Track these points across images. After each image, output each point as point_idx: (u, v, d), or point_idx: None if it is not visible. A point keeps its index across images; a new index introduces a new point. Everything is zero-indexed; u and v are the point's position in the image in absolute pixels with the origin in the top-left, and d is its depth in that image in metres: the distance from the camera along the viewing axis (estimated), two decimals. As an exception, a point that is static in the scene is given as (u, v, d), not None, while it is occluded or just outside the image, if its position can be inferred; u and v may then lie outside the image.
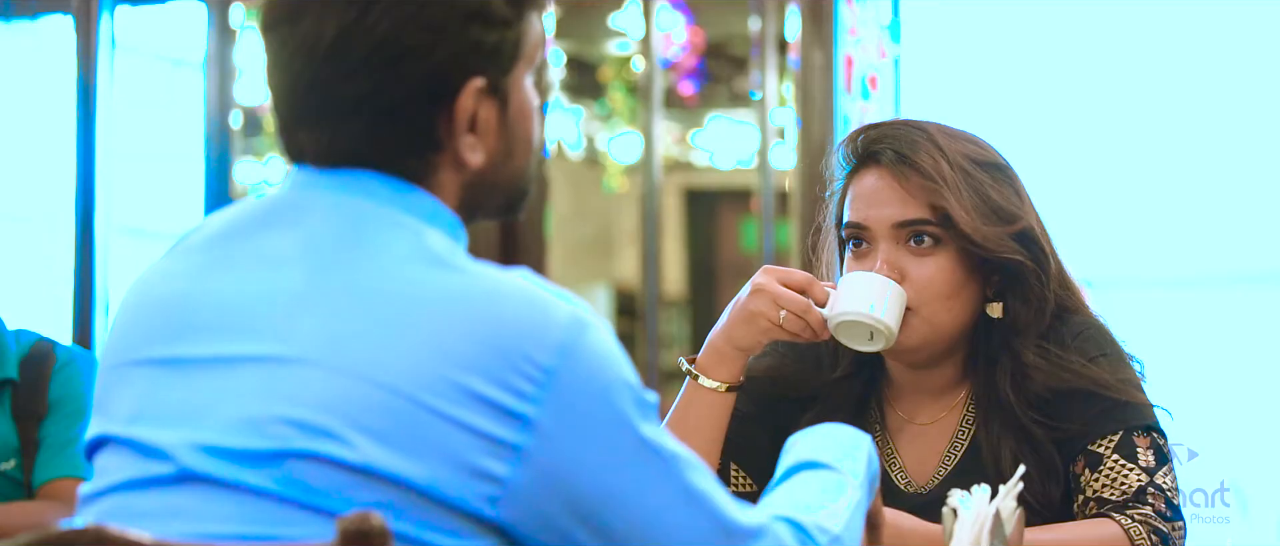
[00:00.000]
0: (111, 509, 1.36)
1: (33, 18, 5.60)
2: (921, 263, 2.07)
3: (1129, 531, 1.98)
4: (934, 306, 2.07)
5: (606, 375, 1.34)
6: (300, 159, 1.43)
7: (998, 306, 2.09)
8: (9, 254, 5.73)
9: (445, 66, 1.39)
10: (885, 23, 4.96)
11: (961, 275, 2.07)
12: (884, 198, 2.09)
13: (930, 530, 1.91)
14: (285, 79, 1.40)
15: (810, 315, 2.03)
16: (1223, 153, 4.61)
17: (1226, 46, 4.61)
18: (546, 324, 1.32)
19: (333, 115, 1.39)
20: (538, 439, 1.31)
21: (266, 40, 1.42)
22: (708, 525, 1.38)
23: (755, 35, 6.37)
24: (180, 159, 5.66)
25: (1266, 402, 4.42)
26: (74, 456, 2.77)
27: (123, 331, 1.44)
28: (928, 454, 2.15)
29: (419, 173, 1.41)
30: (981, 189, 2.07)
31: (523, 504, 1.31)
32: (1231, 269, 4.58)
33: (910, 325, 2.06)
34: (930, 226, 2.07)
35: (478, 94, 1.40)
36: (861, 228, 2.10)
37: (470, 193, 1.44)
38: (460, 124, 1.40)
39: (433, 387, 1.30)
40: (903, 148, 2.09)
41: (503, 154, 1.45)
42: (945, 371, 2.15)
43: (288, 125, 1.43)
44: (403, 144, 1.40)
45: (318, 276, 1.36)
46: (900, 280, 2.06)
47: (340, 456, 1.29)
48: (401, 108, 1.39)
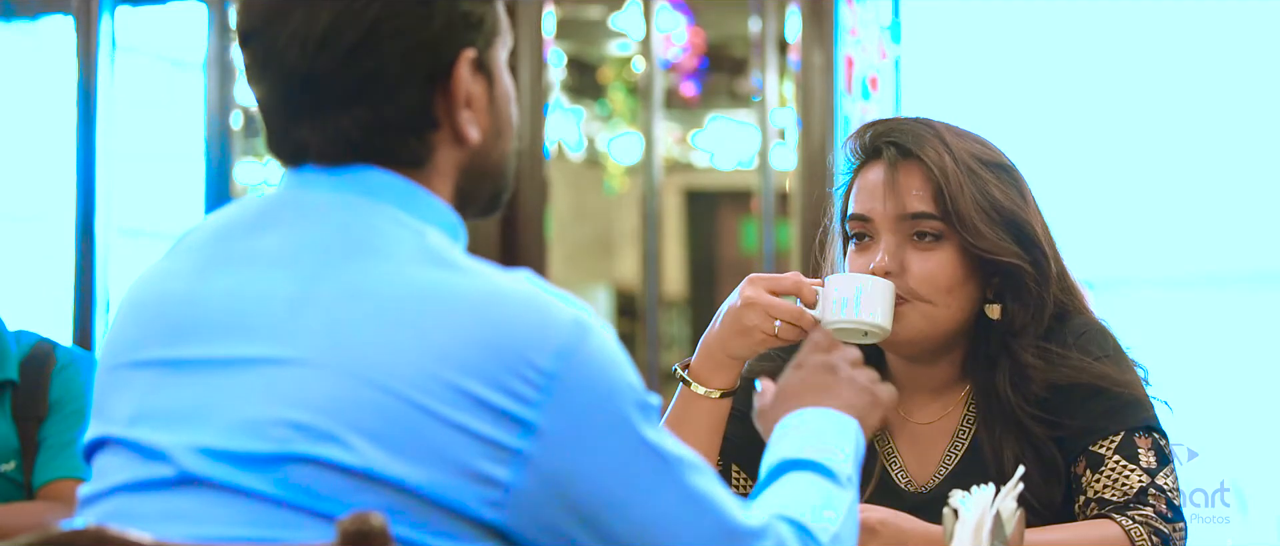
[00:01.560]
0: (111, 510, 1.36)
1: (33, 18, 5.60)
2: (923, 257, 2.07)
3: (1129, 532, 1.98)
4: (933, 300, 2.07)
5: (608, 379, 1.34)
6: (299, 159, 1.42)
7: (996, 308, 2.09)
8: (9, 254, 5.73)
9: (439, 39, 1.40)
10: (886, 23, 4.96)
11: (962, 272, 2.07)
12: (888, 191, 2.09)
13: (930, 530, 1.91)
14: (279, 77, 1.40)
15: (804, 320, 2.02)
16: (1222, 153, 4.61)
17: (1226, 46, 4.61)
18: (548, 328, 1.32)
19: (333, 105, 1.39)
20: (539, 443, 1.31)
21: (252, 45, 1.42)
22: (711, 527, 1.38)
23: (756, 36, 6.37)
24: (180, 159, 5.66)
25: (1266, 402, 4.42)
26: (74, 457, 2.77)
27: (122, 332, 1.44)
28: (928, 453, 2.14)
29: (420, 155, 1.41)
30: (986, 188, 2.07)
31: (525, 508, 1.31)
32: (1231, 269, 4.58)
33: (908, 318, 2.06)
34: (933, 221, 2.07)
35: (471, 67, 1.41)
36: (865, 220, 2.10)
37: (466, 178, 1.45)
38: (457, 98, 1.41)
39: (433, 391, 1.29)
40: (909, 142, 2.09)
41: (493, 133, 1.46)
42: (943, 368, 2.14)
43: (284, 125, 1.42)
44: (403, 126, 1.40)
45: (318, 277, 1.36)
46: (901, 273, 2.06)
47: (340, 460, 1.29)
48: (400, 87, 1.39)
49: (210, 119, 5.35)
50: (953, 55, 4.88)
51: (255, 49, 1.41)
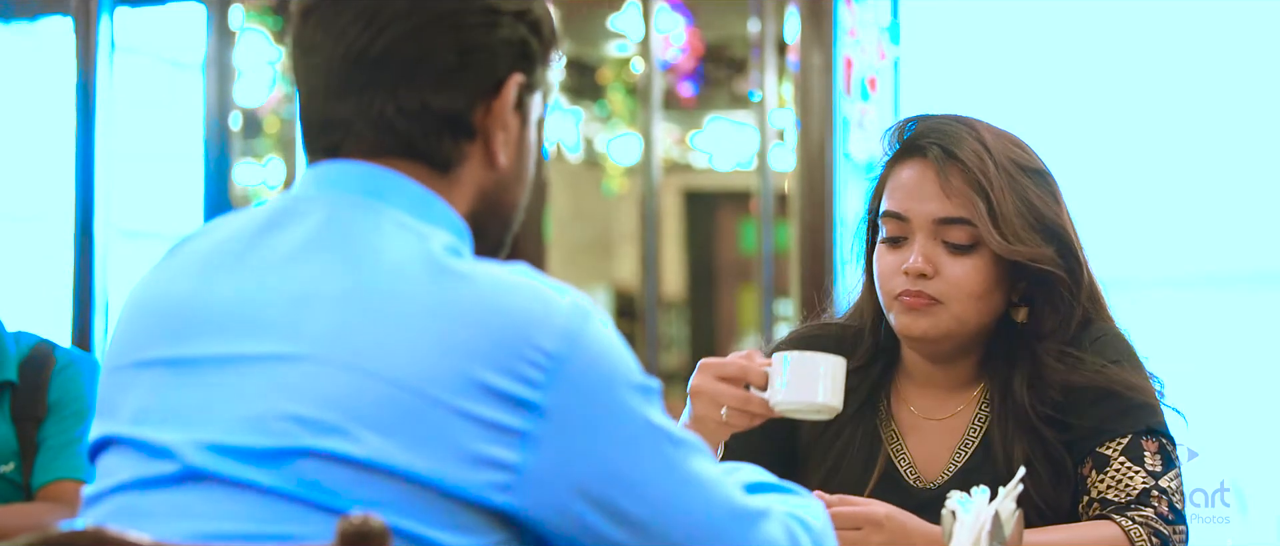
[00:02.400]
0: (115, 509, 1.36)
1: (32, 19, 5.60)
2: (957, 262, 2.07)
3: (1129, 533, 1.98)
4: (963, 304, 2.07)
5: (611, 360, 1.35)
6: (331, 146, 1.43)
7: (1023, 311, 2.09)
8: (8, 255, 5.73)
9: (496, 51, 1.43)
10: (885, 24, 4.96)
11: (994, 277, 2.07)
12: (927, 192, 2.08)
13: (933, 531, 1.91)
14: (334, 52, 1.41)
15: (751, 405, 1.95)
16: (1222, 153, 4.60)
17: (1225, 46, 4.60)
18: (551, 311, 1.33)
19: (383, 86, 1.41)
20: (547, 425, 1.32)
21: (313, 18, 1.43)
22: (719, 507, 1.39)
23: (754, 37, 6.37)
24: (179, 160, 5.66)
25: (1266, 402, 4.41)
26: (73, 458, 2.77)
27: (126, 333, 1.44)
28: (937, 450, 2.14)
29: (451, 159, 1.43)
30: (1025, 194, 2.07)
31: (534, 491, 1.32)
32: (1232, 269, 4.58)
33: (938, 318, 2.06)
34: (969, 228, 2.06)
35: (516, 93, 1.44)
36: (901, 219, 2.10)
37: (483, 203, 1.46)
38: (499, 115, 1.44)
39: (439, 379, 1.30)
40: (949, 143, 2.08)
41: (514, 174, 1.48)
42: (961, 367, 2.14)
43: (326, 104, 1.43)
44: (442, 124, 1.42)
45: (322, 274, 1.36)
46: (934, 275, 2.06)
47: (347, 452, 1.30)
48: (449, 83, 1.41)
49: (209, 120, 5.34)
50: (952, 56, 4.88)
51: (318, 21, 1.43)
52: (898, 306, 2.09)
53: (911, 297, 2.08)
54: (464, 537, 1.31)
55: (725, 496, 1.40)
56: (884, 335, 2.17)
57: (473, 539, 1.32)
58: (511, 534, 1.34)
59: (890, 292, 2.10)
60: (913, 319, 2.08)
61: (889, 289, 2.10)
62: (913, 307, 2.08)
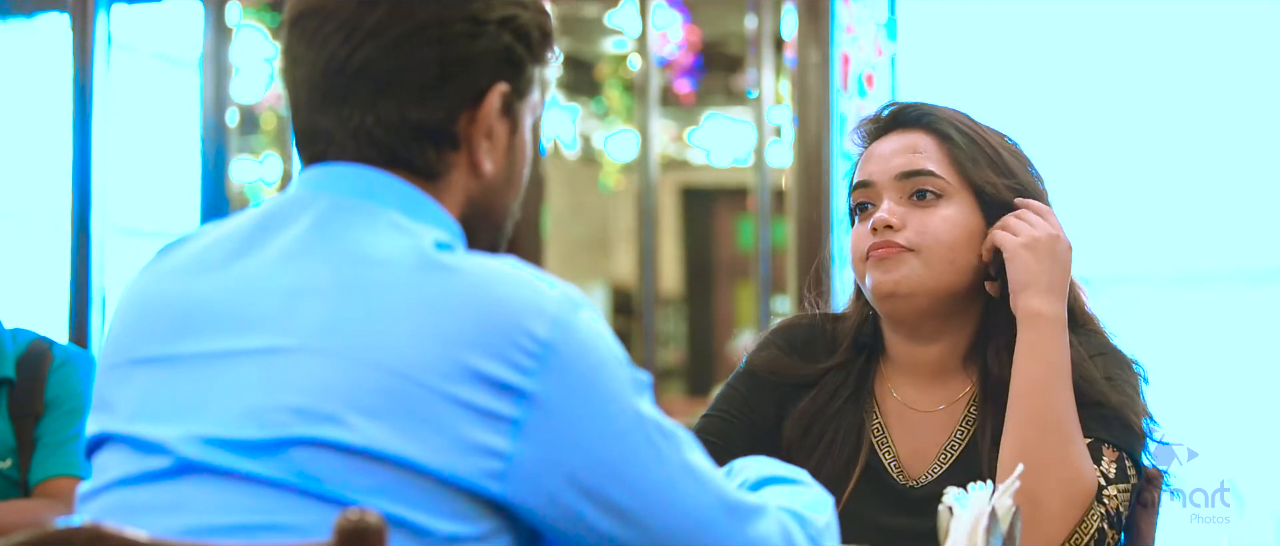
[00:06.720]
0: (111, 505, 1.37)
1: (29, 16, 5.59)
2: (924, 211, 2.06)
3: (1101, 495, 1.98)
4: (932, 251, 2.04)
5: (600, 350, 1.36)
6: (317, 153, 1.44)
7: (995, 284, 2.08)
8: (5, 253, 5.72)
9: (479, 61, 1.43)
10: (882, 20, 4.95)
11: (962, 233, 2.06)
12: (890, 152, 2.09)
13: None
14: (318, 62, 1.42)
15: None
16: (1220, 150, 4.61)
17: (1222, 43, 4.61)
18: (542, 299, 1.34)
19: (363, 97, 1.41)
20: (538, 412, 1.32)
21: (299, 27, 1.44)
22: (710, 501, 1.39)
23: (752, 33, 6.37)
24: (176, 157, 5.66)
25: (1266, 402, 4.41)
26: (70, 455, 2.77)
27: (121, 331, 1.45)
28: (924, 447, 2.12)
29: (435, 169, 1.43)
30: (998, 155, 2.07)
31: (526, 479, 1.32)
32: (1230, 266, 4.58)
33: (909, 267, 2.04)
34: (936, 179, 2.06)
35: (501, 101, 1.44)
36: (867, 185, 2.10)
37: (472, 209, 1.47)
38: (482, 125, 1.44)
39: (432, 366, 1.31)
40: (917, 113, 2.11)
41: (504, 179, 1.49)
42: (943, 349, 2.12)
43: (311, 113, 1.44)
44: (425, 134, 1.42)
45: (314, 270, 1.37)
46: (901, 226, 2.05)
47: (341, 440, 1.30)
48: (431, 94, 1.41)
49: (206, 116, 5.34)
50: (949, 52, 4.88)
51: (302, 30, 1.43)
52: (868, 266, 2.07)
53: (882, 249, 2.05)
54: (458, 525, 1.32)
55: (717, 489, 1.40)
56: (870, 322, 2.16)
57: (466, 526, 1.32)
58: (504, 522, 1.34)
59: (861, 255, 2.08)
60: (883, 272, 2.05)
61: (860, 252, 2.08)
62: (883, 259, 2.05)
